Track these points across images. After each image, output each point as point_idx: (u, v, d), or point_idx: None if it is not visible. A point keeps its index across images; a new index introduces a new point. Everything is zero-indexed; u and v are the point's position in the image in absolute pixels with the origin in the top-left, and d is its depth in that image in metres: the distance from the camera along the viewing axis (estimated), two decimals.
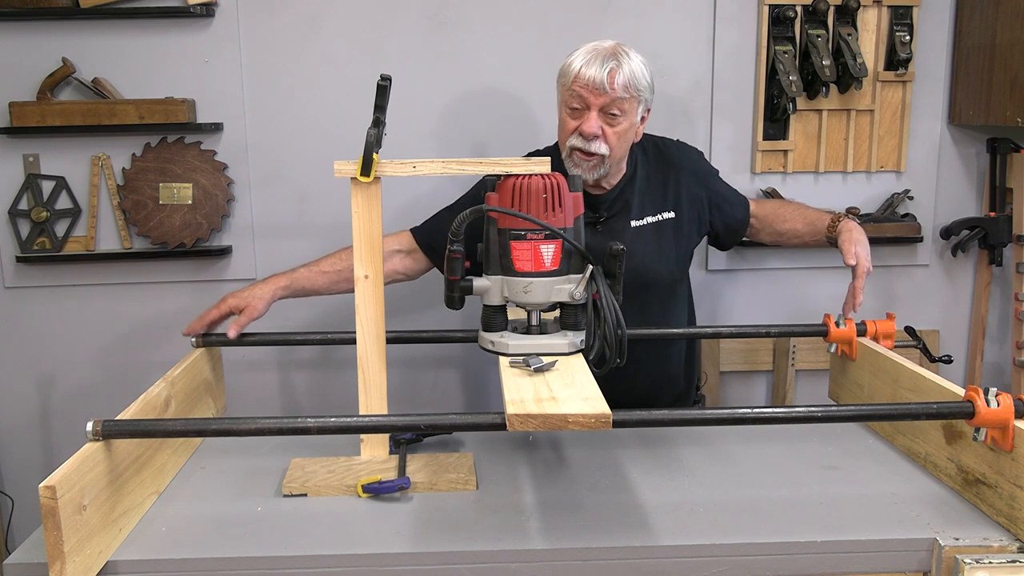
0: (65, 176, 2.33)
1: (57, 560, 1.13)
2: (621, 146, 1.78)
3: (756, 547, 1.30)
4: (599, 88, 1.71)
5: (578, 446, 1.65)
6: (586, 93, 1.72)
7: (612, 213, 1.87)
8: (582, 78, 1.72)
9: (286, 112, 2.35)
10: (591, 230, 1.84)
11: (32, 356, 2.43)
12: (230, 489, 1.50)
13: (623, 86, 1.71)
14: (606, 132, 1.74)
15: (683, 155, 1.95)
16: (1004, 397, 1.30)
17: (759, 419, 1.39)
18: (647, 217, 1.87)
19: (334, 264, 1.88)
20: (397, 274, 1.97)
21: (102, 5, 2.22)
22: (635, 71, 1.73)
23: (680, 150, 1.96)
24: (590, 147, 1.75)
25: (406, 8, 2.33)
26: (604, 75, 1.70)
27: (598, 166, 1.77)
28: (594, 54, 1.73)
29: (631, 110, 1.75)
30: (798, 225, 2.00)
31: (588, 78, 1.71)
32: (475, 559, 1.28)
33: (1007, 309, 2.57)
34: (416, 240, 1.97)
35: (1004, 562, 1.26)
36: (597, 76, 1.70)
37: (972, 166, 2.53)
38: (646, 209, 1.88)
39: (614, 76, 1.70)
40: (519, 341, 1.45)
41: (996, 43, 2.29)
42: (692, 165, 1.94)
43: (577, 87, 1.73)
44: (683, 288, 1.99)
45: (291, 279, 1.86)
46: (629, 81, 1.72)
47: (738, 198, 2.01)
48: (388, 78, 1.47)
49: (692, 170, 1.93)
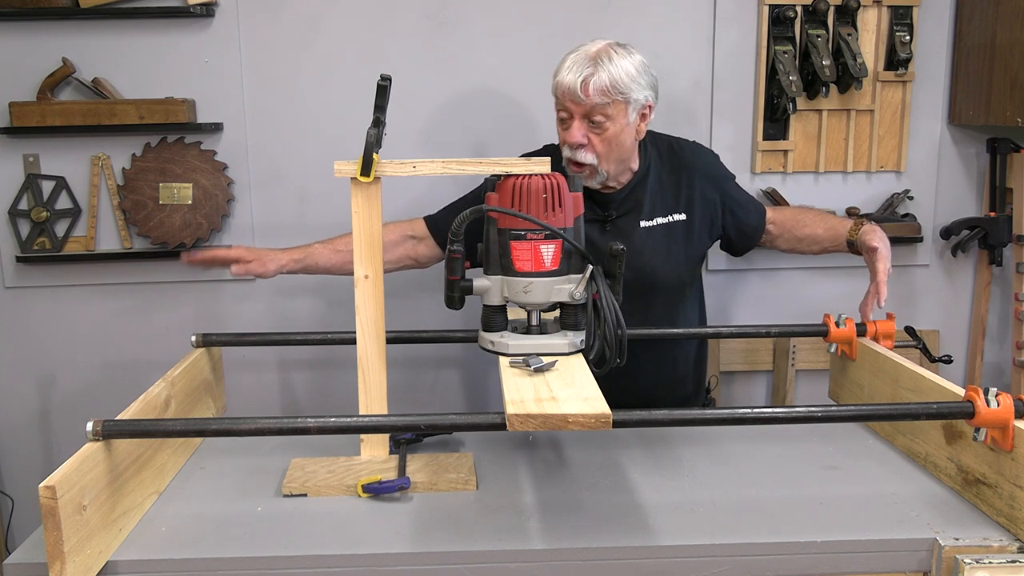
0: (65, 176, 2.33)
1: (57, 560, 1.13)
2: (614, 151, 1.75)
3: (756, 547, 1.30)
4: (574, 96, 1.69)
5: (578, 446, 1.65)
6: (566, 101, 1.71)
7: (621, 212, 1.85)
8: (560, 86, 1.71)
9: (286, 112, 2.35)
10: (600, 228, 1.83)
11: (32, 356, 2.43)
12: (230, 489, 1.50)
13: (600, 91, 1.67)
14: (592, 140, 1.72)
15: (698, 157, 1.92)
16: (1004, 397, 1.30)
17: (759, 419, 1.39)
18: (657, 218, 1.85)
19: (348, 243, 1.85)
20: (408, 259, 1.96)
21: (102, 5, 2.23)
22: (615, 74, 1.68)
23: (696, 152, 1.93)
24: (576, 156, 1.73)
25: (406, 8, 2.33)
26: (578, 83, 1.67)
27: (592, 175, 1.76)
28: (574, 60, 1.70)
29: (617, 114, 1.71)
30: (818, 230, 1.97)
31: (565, 86, 1.69)
32: (475, 559, 1.28)
33: (1007, 309, 2.57)
34: (428, 228, 1.96)
35: (1004, 562, 1.26)
36: (572, 84, 1.68)
37: (972, 166, 2.53)
38: (657, 210, 1.85)
39: (588, 83, 1.67)
40: (519, 341, 1.45)
41: (996, 43, 2.29)
42: (707, 168, 1.91)
43: (559, 95, 1.72)
44: (692, 291, 1.97)
45: (306, 253, 1.86)
46: (608, 86, 1.67)
47: (754, 205, 1.99)
48: (388, 78, 1.47)
49: (707, 173, 1.90)
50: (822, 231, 1.98)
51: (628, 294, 1.50)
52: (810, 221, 2.00)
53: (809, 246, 2.00)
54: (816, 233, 1.98)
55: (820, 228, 1.98)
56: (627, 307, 1.42)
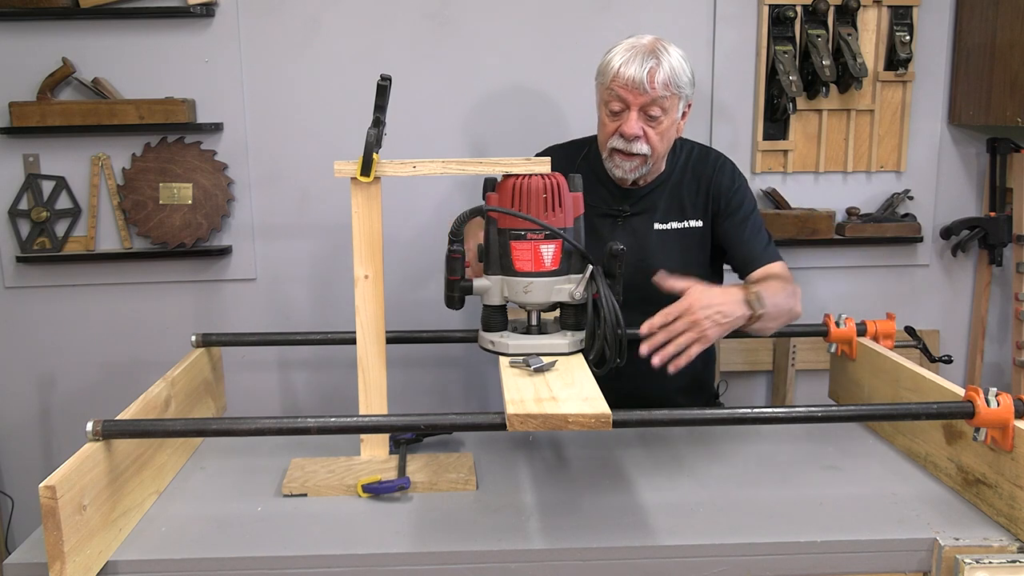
0: (65, 176, 2.33)
1: (57, 560, 1.13)
2: (663, 144, 1.72)
3: (756, 547, 1.30)
4: (639, 88, 1.65)
5: (578, 446, 1.65)
6: (625, 93, 1.67)
7: (636, 211, 1.81)
8: (621, 78, 1.66)
9: (286, 112, 2.35)
10: (612, 223, 1.81)
11: (32, 356, 2.43)
12: (230, 489, 1.50)
13: (663, 84, 1.65)
14: (647, 132, 1.69)
15: (723, 176, 1.82)
16: (1004, 397, 1.30)
17: (759, 419, 1.39)
18: (672, 222, 1.81)
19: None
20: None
21: (102, 5, 2.22)
22: (675, 67, 1.66)
23: (722, 169, 1.83)
24: (631, 148, 1.70)
25: (406, 8, 2.33)
26: (644, 74, 1.64)
27: (640, 166, 1.73)
28: (633, 52, 1.67)
29: (672, 108, 1.69)
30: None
31: (627, 78, 1.65)
32: (475, 559, 1.28)
33: (1007, 309, 2.57)
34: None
35: (1004, 562, 1.26)
36: (637, 75, 1.64)
37: (972, 166, 2.53)
38: (672, 214, 1.81)
39: (654, 75, 1.64)
40: (519, 341, 1.45)
41: (996, 43, 2.29)
42: (727, 191, 1.81)
43: (616, 87, 1.68)
44: None
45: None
46: (669, 79, 1.66)
47: (751, 255, 1.78)
48: (388, 78, 1.47)
49: (729, 194, 1.81)
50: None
51: (637, 297, 1.49)
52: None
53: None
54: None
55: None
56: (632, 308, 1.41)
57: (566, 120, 2.36)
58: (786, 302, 1.64)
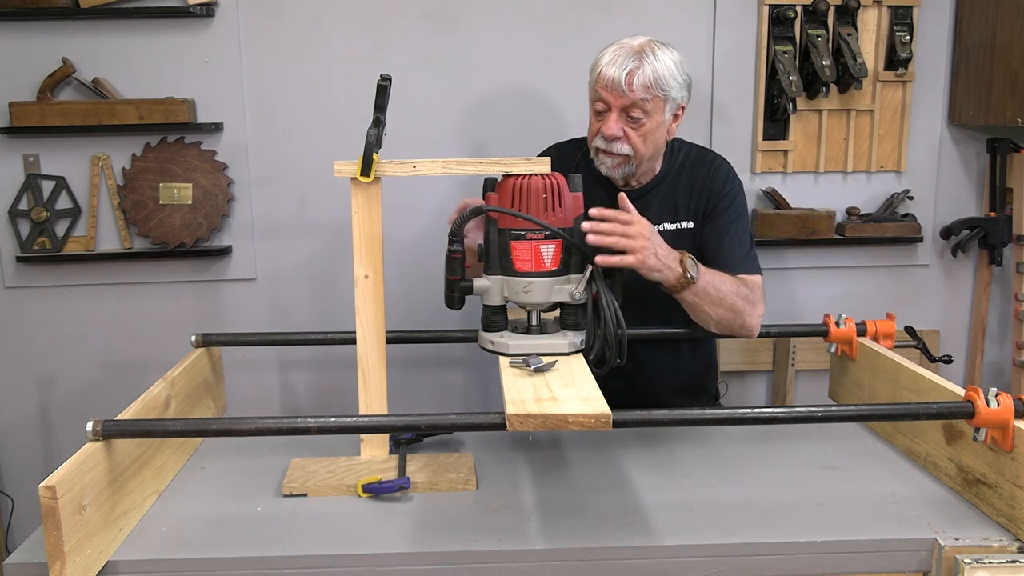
0: (65, 176, 2.33)
1: (57, 560, 1.13)
2: (647, 146, 1.72)
3: (756, 547, 1.30)
4: (618, 89, 1.66)
5: (578, 446, 1.65)
6: (606, 94, 1.68)
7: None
8: (603, 78, 1.68)
9: (286, 112, 2.35)
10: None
11: (32, 356, 2.43)
12: (230, 489, 1.50)
13: (643, 87, 1.66)
14: (628, 133, 1.70)
15: (716, 178, 1.81)
16: (1004, 397, 1.30)
17: (759, 419, 1.39)
18: (665, 223, 1.81)
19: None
20: None
21: (102, 5, 2.22)
22: (659, 70, 1.67)
23: (716, 172, 1.81)
24: (612, 148, 1.71)
25: (406, 8, 2.33)
26: (622, 76, 1.65)
27: (622, 164, 1.73)
28: (617, 53, 1.68)
29: (656, 111, 1.69)
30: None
31: (608, 78, 1.67)
32: (475, 559, 1.28)
33: (1007, 309, 2.57)
34: None
35: (1004, 562, 1.26)
36: (616, 77, 1.66)
37: (972, 166, 2.53)
38: (665, 215, 1.82)
39: (632, 77, 1.65)
40: (519, 341, 1.45)
41: (996, 43, 2.29)
42: (717, 194, 1.80)
43: (599, 87, 1.70)
44: None
45: None
46: (651, 81, 1.66)
47: (727, 262, 1.72)
48: (388, 78, 1.47)
49: (717, 197, 1.80)
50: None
51: (634, 295, 1.49)
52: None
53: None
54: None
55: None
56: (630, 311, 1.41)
57: (566, 120, 2.36)
58: (728, 294, 1.62)
